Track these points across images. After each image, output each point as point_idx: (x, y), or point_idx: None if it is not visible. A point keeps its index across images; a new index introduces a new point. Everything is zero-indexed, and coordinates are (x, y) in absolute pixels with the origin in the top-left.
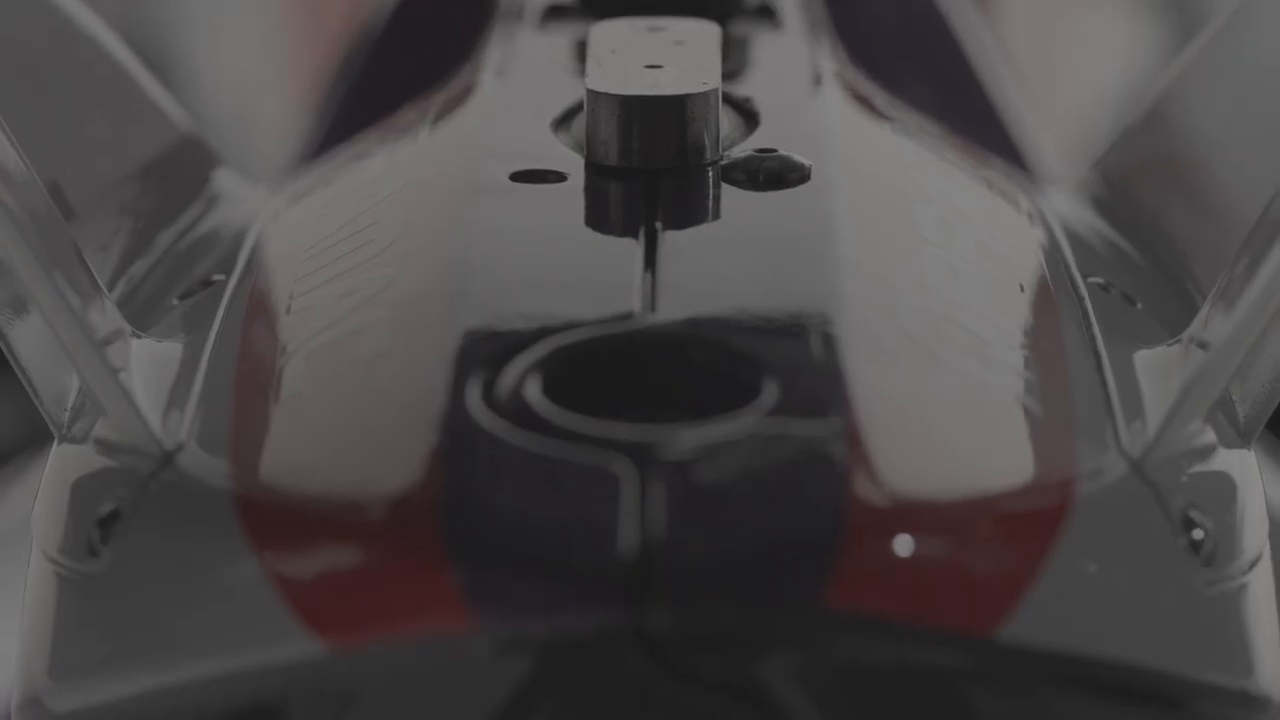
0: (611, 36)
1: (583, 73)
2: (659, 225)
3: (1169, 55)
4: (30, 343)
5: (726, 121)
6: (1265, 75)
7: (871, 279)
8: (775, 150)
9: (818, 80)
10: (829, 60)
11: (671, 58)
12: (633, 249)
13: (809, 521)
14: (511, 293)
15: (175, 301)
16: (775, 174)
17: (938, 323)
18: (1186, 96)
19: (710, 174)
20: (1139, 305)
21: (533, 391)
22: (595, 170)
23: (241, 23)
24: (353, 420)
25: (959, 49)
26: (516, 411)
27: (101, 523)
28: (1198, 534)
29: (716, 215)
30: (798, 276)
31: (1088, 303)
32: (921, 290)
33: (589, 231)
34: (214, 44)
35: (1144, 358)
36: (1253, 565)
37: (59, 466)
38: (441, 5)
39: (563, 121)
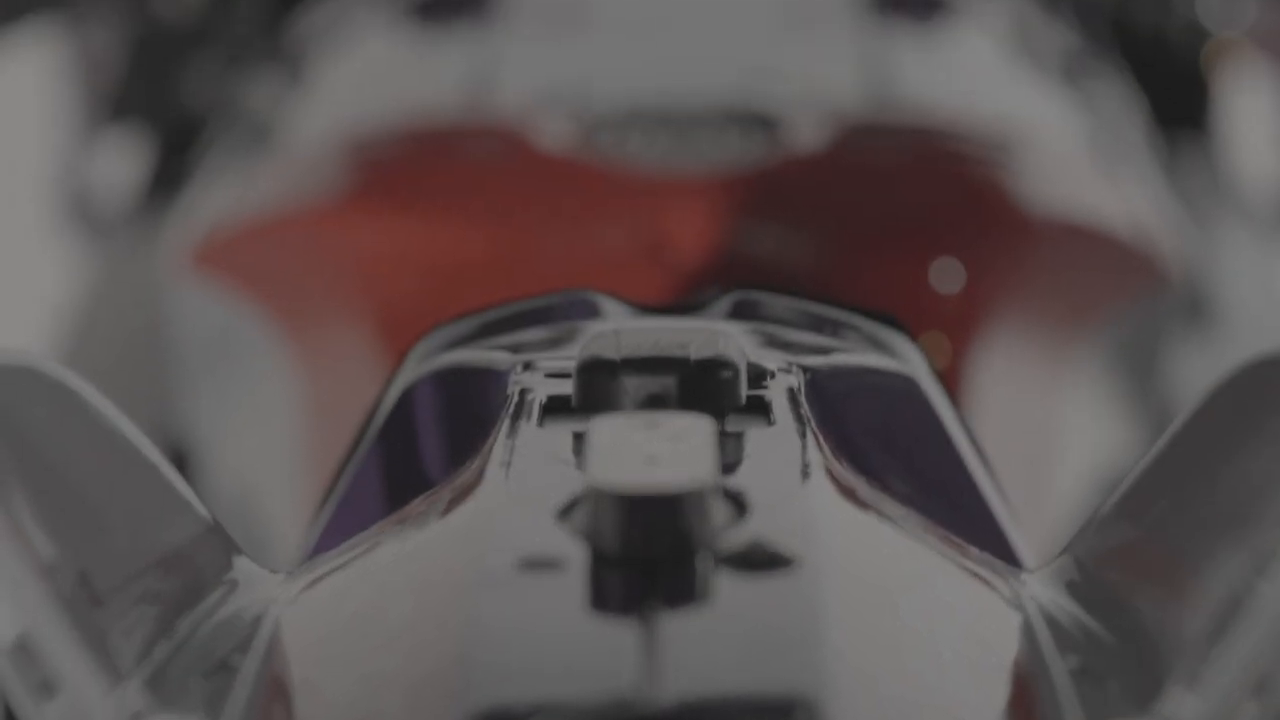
0: (610, 431)
1: (584, 466)
2: (658, 612)
3: (1138, 448)
4: None
5: (720, 512)
6: (1225, 469)
7: (858, 665)
8: (766, 540)
9: (806, 472)
10: (816, 453)
11: (668, 452)
12: (633, 635)
13: None
14: (516, 680)
15: (196, 683)
16: (766, 563)
17: (921, 709)
18: (1154, 487)
19: (705, 562)
20: (1111, 684)
21: None
22: (596, 559)
23: (258, 417)
24: None
25: (938, 442)
26: None
27: None
28: None
29: (711, 602)
30: (787, 663)
31: (1063, 683)
32: (904, 675)
33: (591, 618)
34: (233, 437)
35: None
36: None
37: None
38: (446, 400)
39: (565, 513)
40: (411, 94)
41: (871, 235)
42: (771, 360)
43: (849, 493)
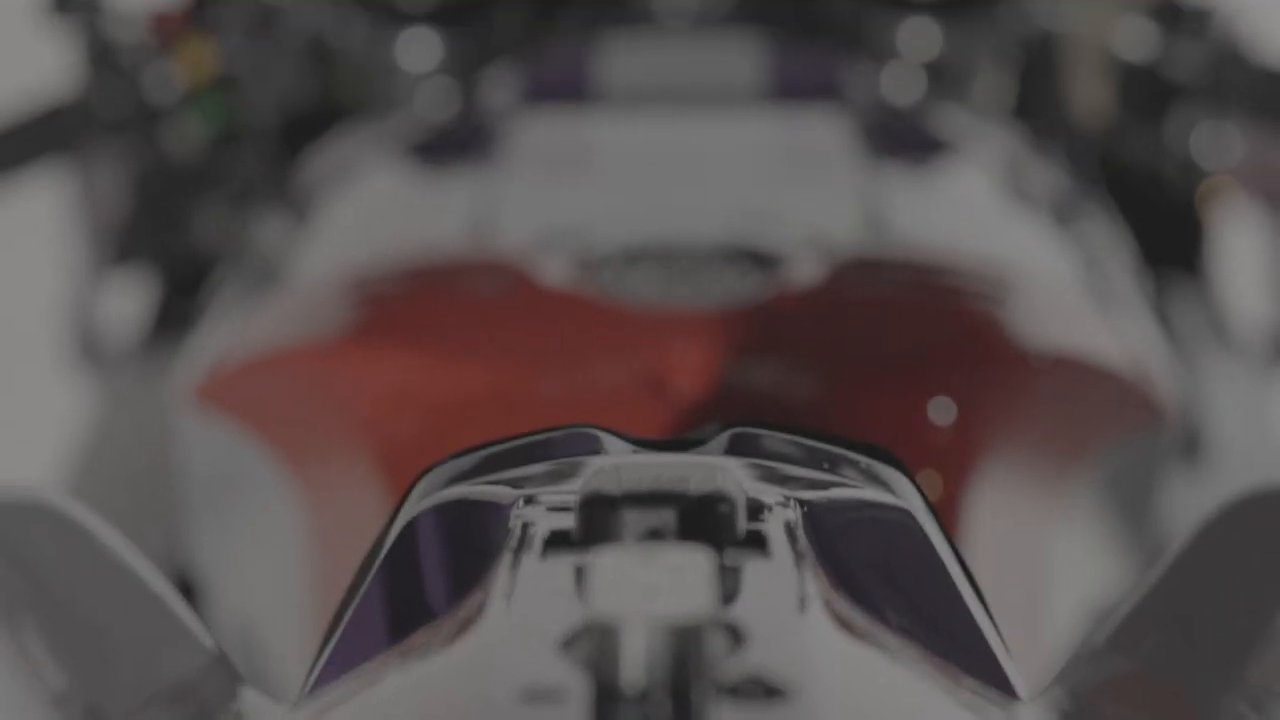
0: (611, 564)
1: (585, 598)
2: None
3: (1131, 581)
4: None
5: (719, 644)
6: (1218, 604)
7: None
8: (764, 671)
9: (803, 604)
10: (814, 586)
11: (668, 584)
12: None
13: None
14: None
15: None
16: (765, 694)
17: None
18: (1147, 620)
19: (704, 694)
20: None
21: None
22: (598, 691)
23: (262, 550)
24: None
25: (934, 575)
26: None
27: None
28: None
29: None
30: None
31: None
32: None
33: None
34: (238, 569)
35: None
36: None
37: None
38: (448, 534)
39: (567, 645)
40: (414, 233)
41: (867, 371)
42: (769, 494)
43: (846, 624)
